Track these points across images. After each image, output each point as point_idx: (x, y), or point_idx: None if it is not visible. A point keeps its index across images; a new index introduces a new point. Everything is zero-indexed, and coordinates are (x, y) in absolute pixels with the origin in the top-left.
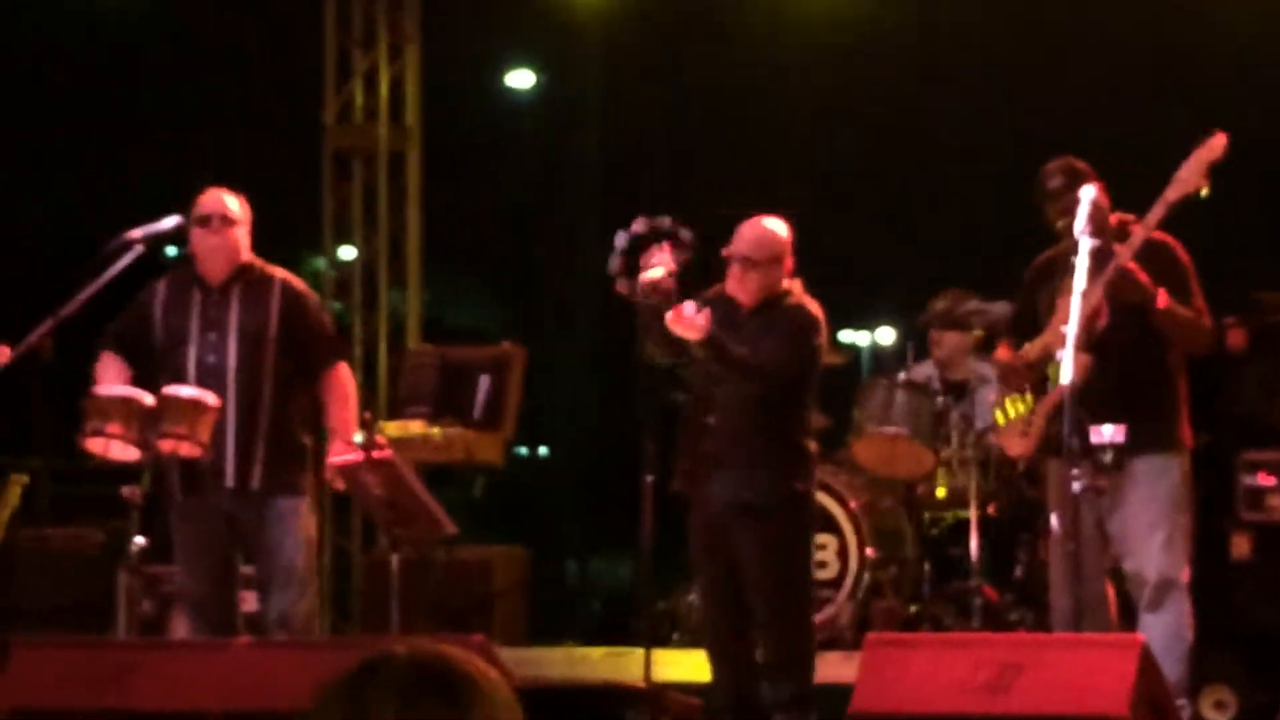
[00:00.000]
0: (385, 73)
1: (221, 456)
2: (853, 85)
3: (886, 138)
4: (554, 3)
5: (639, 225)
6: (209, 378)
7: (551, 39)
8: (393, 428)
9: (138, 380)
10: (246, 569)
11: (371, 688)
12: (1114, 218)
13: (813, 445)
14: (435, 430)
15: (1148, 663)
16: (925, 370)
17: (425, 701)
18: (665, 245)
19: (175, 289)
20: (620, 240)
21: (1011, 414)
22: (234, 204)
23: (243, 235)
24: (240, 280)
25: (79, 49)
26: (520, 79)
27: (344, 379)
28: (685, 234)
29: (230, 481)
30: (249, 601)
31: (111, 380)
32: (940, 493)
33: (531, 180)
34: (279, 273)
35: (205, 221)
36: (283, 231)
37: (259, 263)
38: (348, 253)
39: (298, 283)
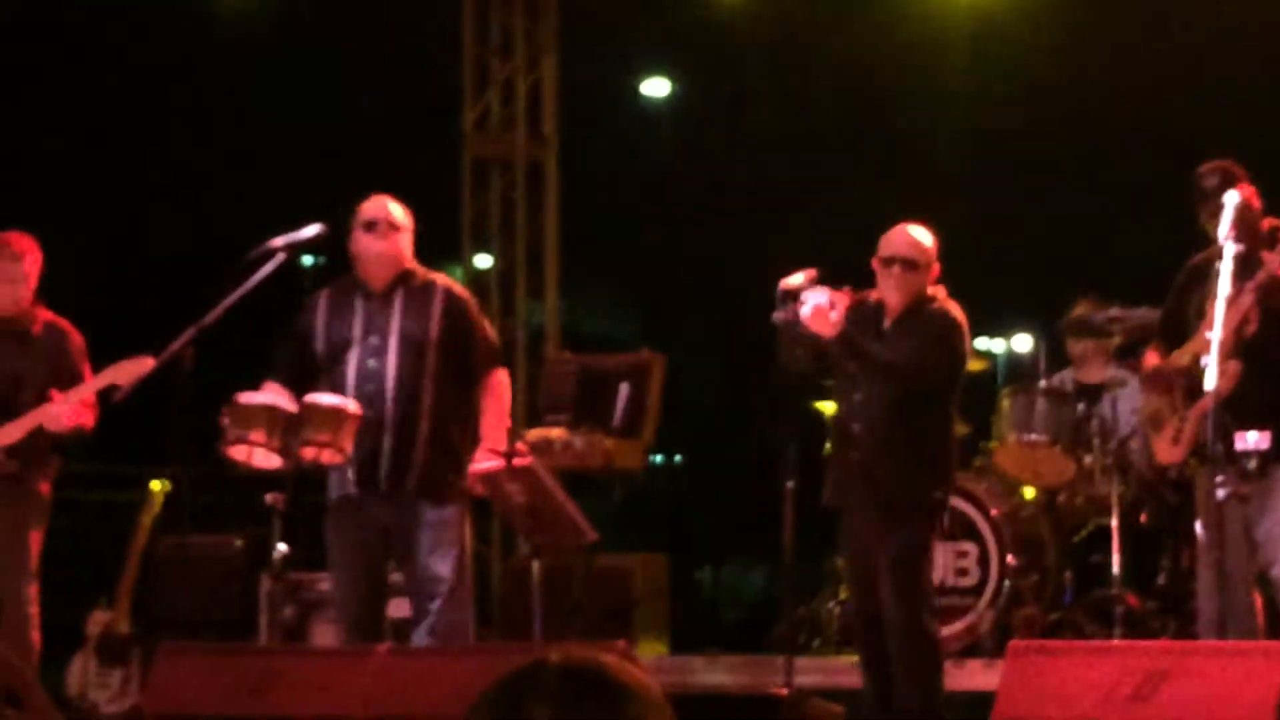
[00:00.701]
0: (523, 81)
1: (378, 461)
2: (990, 89)
3: (1022, 142)
4: (689, 10)
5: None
6: (369, 382)
7: (687, 46)
8: (532, 435)
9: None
10: (395, 576)
11: (527, 694)
12: (1265, 222)
13: (954, 452)
14: (575, 437)
15: None
16: (1064, 377)
17: (580, 708)
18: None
19: (337, 297)
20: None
21: (1162, 421)
22: (398, 211)
23: (407, 242)
24: (403, 286)
25: (220, 59)
26: (655, 87)
27: (501, 386)
28: (842, 291)
29: (384, 485)
30: (396, 608)
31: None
32: (1081, 500)
33: (667, 188)
34: (441, 279)
35: (371, 227)
36: (420, 239)
37: (421, 269)
38: (484, 261)
39: (460, 289)
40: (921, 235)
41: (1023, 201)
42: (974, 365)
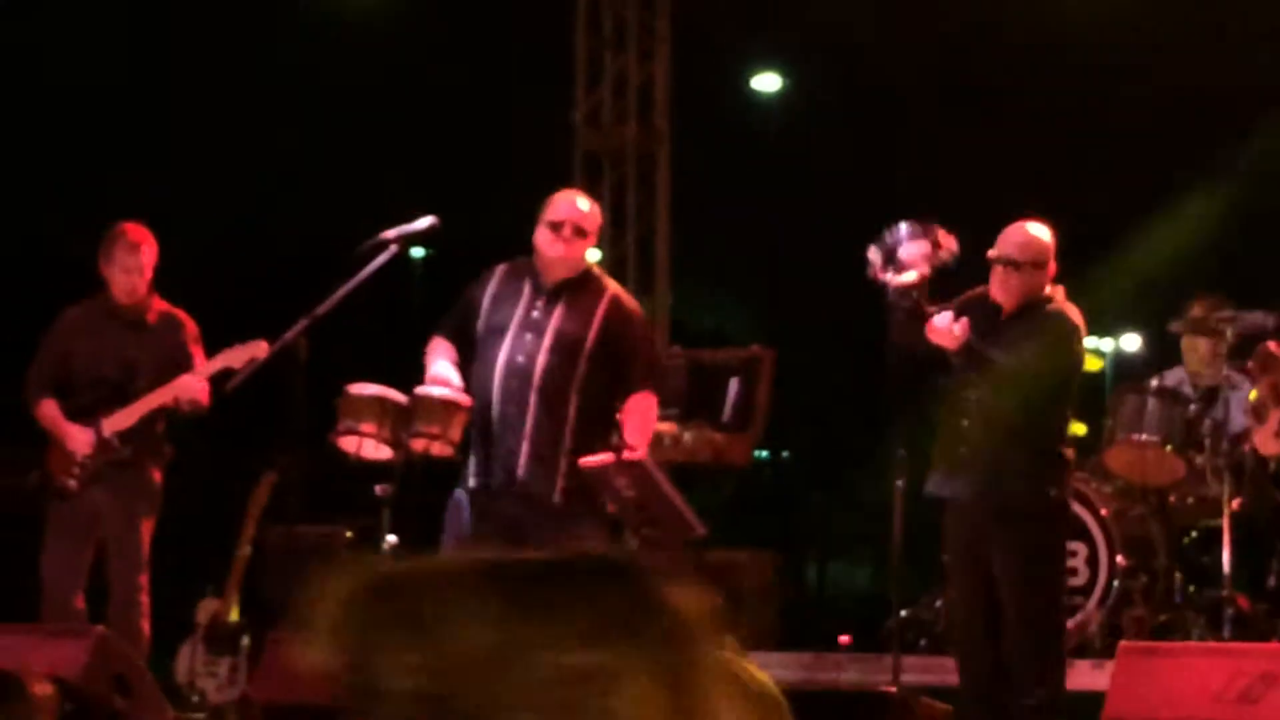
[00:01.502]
0: (635, 75)
1: (516, 461)
2: (1108, 88)
3: (1137, 142)
4: (800, 6)
5: (906, 228)
6: (514, 377)
7: (798, 41)
8: None
9: (464, 365)
10: None
11: None
12: None
13: (1069, 452)
14: (684, 432)
15: None
16: (1176, 376)
17: None
18: (926, 245)
19: (509, 279)
20: (887, 236)
21: (1266, 413)
22: (589, 211)
23: (589, 247)
24: (571, 288)
25: (333, 55)
26: (766, 82)
27: (648, 406)
28: (948, 240)
29: (520, 486)
30: None
31: (435, 361)
32: (1191, 501)
33: (777, 184)
34: (612, 286)
35: (558, 227)
36: (532, 232)
37: (597, 272)
38: (593, 255)
39: (628, 300)
40: (1038, 233)
41: (1135, 201)
42: (1089, 365)
